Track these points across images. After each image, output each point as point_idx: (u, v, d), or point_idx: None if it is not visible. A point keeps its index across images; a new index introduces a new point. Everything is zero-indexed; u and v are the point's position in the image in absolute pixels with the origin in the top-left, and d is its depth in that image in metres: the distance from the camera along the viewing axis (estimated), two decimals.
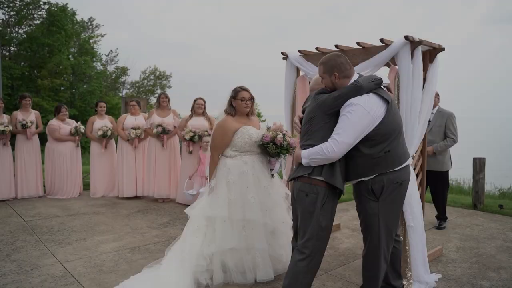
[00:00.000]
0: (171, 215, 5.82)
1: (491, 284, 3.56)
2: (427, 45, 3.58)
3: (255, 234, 3.46)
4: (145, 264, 3.87)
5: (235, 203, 3.47)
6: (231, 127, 3.57)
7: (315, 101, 2.79)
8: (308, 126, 2.78)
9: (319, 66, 2.87)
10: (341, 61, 2.77)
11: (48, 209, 6.08)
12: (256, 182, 3.53)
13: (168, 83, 26.61)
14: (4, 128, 6.44)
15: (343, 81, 2.76)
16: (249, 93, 3.63)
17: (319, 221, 2.67)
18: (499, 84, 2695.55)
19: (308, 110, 2.83)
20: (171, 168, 6.75)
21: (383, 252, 2.81)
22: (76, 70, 19.73)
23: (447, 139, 5.09)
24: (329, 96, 2.73)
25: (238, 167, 3.54)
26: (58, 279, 3.53)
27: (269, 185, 3.59)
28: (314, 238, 2.68)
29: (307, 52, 4.39)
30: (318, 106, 2.74)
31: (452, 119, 5.15)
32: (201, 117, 6.41)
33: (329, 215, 2.71)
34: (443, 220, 5.35)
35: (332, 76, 2.76)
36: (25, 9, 19.16)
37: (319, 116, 2.72)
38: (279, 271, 3.60)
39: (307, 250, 2.70)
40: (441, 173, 5.21)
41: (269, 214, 3.53)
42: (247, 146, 3.56)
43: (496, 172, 14.32)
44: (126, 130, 6.89)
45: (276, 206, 3.60)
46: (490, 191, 8.87)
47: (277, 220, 3.57)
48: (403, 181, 2.77)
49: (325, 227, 2.70)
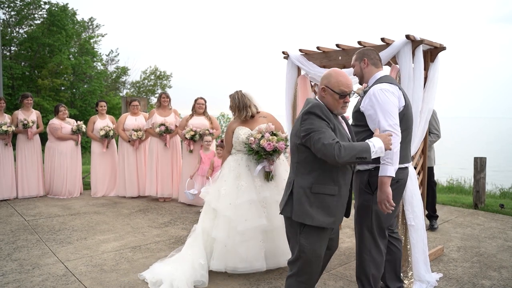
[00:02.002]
0: (172, 214, 5.83)
1: (492, 283, 3.56)
2: (428, 44, 3.57)
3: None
4: (146, 263, 3.88)
5: (229, 194, 3.72)
6: (232, 127, 3.96)
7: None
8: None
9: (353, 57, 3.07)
10: (372, 52, 2.99)
11: (49, 208, 6.09)
12: (242, 177, 3.75)
13: (168, 83, 26.61)
14: (7, 128, 6.44)
15: (371, 69, 2.94)
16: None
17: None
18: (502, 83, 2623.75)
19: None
20: (173, 168, 6.76)
21: (372, 245, 2.86)
22: (77, 70, 19.72)
23: (431, 135, 5.00)
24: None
25: (229, 163, 3.88)
26: (59, 278, 3.53)
27: (254, 183, 3.72)
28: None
29: (308, 51, 4.39)
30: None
31: (434, 116, 5.05)
32: (202, 117, 6.42)
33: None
34: (435, 219, 5.27)
35: (361, 62, 2.96)
36: (25, 9, 19.15)
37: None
38: (280, 264, 3.69)
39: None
40: (428, 169, 5.17)
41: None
42: (237, 145, 3.89)
43: (497, 171, 14.33)
44: (126, 131, 6.89)
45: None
46: (491, 190, 8.87)
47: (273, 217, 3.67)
48: (400, 179, 2.85)
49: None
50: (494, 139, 44.41)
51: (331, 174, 2.46)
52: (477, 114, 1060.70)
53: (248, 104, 3.88)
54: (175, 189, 6.75)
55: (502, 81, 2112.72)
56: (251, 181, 3.72)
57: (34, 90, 18.31)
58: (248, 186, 3.68)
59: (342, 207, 2.54)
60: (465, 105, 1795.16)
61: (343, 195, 2.52)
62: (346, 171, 2.51)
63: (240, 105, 3.86)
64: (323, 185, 2.44)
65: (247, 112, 3.87)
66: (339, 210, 2.52)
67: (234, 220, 3.58)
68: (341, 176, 2.49)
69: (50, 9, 18.91)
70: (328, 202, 2.46)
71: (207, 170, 5.86)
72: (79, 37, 21.44)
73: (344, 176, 2.50)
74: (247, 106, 3.87)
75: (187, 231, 4.94)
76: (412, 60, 3.44)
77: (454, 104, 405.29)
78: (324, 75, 2.55)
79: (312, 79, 4.39)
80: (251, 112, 3.89)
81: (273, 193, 3.71)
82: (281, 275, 3.65)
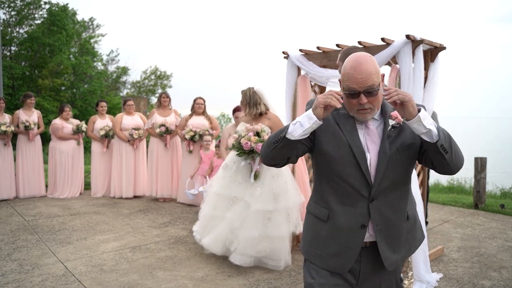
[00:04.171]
0: (172, 214, 5.82)
1: (493, 283, 3.55)
2: (428, 44, 3.57)
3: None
4: (146, 263, 3.88)
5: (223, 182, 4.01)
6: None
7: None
8: None
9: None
10: (355, 50, 2.85)
11: (49, 208, 6.08)
12: (239, 174, 3.94)
13: (168, 83, 26.60)
14: (6, 129, 6.44)
15: None
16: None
17: None
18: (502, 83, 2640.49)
19: None
20: (173, 168, 6.75)
21: None
22: (77, 70, 19.71)
23: None
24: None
25: (231, 154, 4.05)
26: (59, 278, 3.53)
27: (236, 178, 3.92)
28: None
29: (308, 51, 4.38)
30: None
31: (434, 118, 5.00)
32: (201, 116, 6.41)
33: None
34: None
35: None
36: (25, 9, 19.15)
37: None
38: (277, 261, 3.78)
39: None
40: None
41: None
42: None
43: (498, 171, 14.32)
44: (125, 130, 6.87)
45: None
46: (491, 190, 8.86)
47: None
48: None
49: None
50: (494, 139, 44.39)
51: (321, 188, 1.84)
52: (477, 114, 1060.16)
53: (258, 102, 4.01)
54: (174, 189, 6.74)
55: (502, 81, 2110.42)
56: (234, 176, 3.92)
57: (34, 90, 18.30)
58: (229, 179, 3.95)
59: (340, 247, 1.77)
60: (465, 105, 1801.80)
61: (341, 228, 1.76)
62: (345, 192, 1.75)
63: (251, 101, 4.00)
64: (315, 203, 1.87)
65: (256, 109, 4.00)
66: (334, 248, 1.78)
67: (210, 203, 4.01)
68: (333, 197, 1.78)
69: (50, 9, 18.91)
70: (317, 229, 1.83)
71: (207, 170, 5.86)
72: (79, 37, 21.44)
73: (340, 199, 1.77)
74: (257, 103, 4.00)
75: (187, 231, 4.93)
76: (412, 60, 3.44)
77: (454, 104, 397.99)
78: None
79: (312, 79, 4.38)
80: (260, 110, 4.01)
81: (246, 193, 3.83)
82: (281, 275, 3.65)
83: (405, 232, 1.84)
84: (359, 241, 1.76)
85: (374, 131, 1.75)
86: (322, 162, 1.80)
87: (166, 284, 3.47)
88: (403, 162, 1.75)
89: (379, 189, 1.73)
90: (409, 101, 1.58)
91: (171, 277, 3.62)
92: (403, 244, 1.84)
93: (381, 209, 1.75)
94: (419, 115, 1.58)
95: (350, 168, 1.73)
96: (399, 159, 1.74)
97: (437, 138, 1.59)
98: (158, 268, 3.81)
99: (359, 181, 1.73)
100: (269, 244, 3.70)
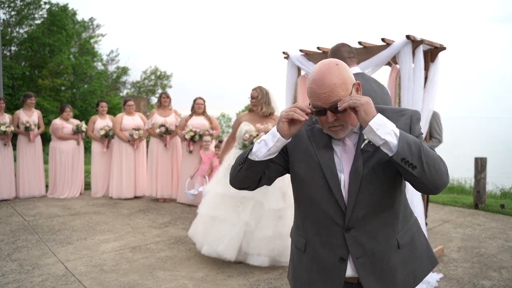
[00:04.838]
0: (172, 214, 5.82)
1: (493, 283, 3.55)
2: (428, 45, 3.57)
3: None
4: (146, 263, 3.88)
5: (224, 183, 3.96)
6: (240, 120, 4.17)
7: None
8: None
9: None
10: (340, 48, 2.82)
11: (49, 208, 6.08)
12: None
13: (169, 83, 26.61)
14: (5, 129, 6.44)
15: None
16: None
17: None
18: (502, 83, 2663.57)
19: None
20: (173, 168, 6.75)
21: None
22: (77, 70, 19.73)
23: (432, 139, 4.86)
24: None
25: (230, 156, 4.11)
26: (59, 279, 3.53)
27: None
28: None
29: (308, 51, 4.38)
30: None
31: (437, 119, 4.91)
32: (201, 117, 6.41)
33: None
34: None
35: None
36: (25, 9, 19.16)
37: None
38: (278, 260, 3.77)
39: None
40: None
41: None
42: (238, 139, 4.10)
43: (498, 172, 14.32)
44: (125, 131, 6.87)
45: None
46: (491, 191, 8.86)
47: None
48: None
49: None
50: (494, 139, 44.38)
51: (298, 214, 1.63)
52: (477, 114, 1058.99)
53: (269, 102, 4.12)
54: (174, 189, 6.74)
55: (502, 81, 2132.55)
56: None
57: (34, 90, 18.31)
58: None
59: (323, 283, 1.53)
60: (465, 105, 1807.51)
61: (320, 260, 1.53)
62: (319, 219, 1.52)
63: (264, 99, 4.08)
64: (295, 229, 1.67)
65: (266, 108, 4.09)
66: (318, 284, 1.55)
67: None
68: (308, 225, 1.56)
69: (50, 9, 18.93)
70: (299, 259, 1.62)
71: (207, 170, 5.86)
72: (79, 37, 21.45)
73: (315, 227, 1.54)
74: (268, 103, 4.10)
75: (187, 231, 4.93)
76: (412, 60, 3.44)
77: (454, 104, 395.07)
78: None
79: None
80: (270, 110, 4.11)
81: (256, 192, 3.78)
82: (281, 275, 3.65)
83: (399, 265, 1.52)
84: (340, 277, 1.50)
85: (351, 148, 1.50)
86: (295, 184, 1.58)
87: (166, 284, 3.47)
88: (382, 183, 1.45)
89: (353, 216, 1.46)
90: (360, 106, 1.32)
91: (171, 277, 3.63)
92: (401, 280, 1.53)
93: (359, 240, 1.48)
94: (369, 124, 1.31)
95: (322, 192, 1.48)
96: (375, 179, 1.44)
97: (395, 151, 1.30)
98: (158, 268, 3.81)
99: (332, 207, 1.48)
100: (281, 242, 3.71)
